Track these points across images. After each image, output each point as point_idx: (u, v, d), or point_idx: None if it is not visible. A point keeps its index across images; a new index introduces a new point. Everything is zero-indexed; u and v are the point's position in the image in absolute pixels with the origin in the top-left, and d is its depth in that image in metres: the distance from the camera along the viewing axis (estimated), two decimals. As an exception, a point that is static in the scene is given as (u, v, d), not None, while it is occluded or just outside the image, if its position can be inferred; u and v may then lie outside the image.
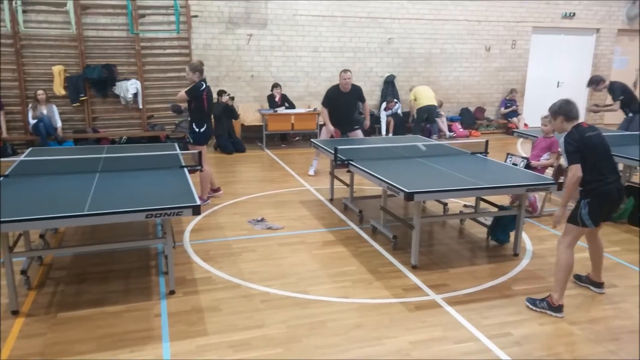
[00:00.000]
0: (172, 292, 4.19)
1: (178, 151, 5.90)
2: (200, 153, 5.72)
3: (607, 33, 13.41)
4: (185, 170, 5.00)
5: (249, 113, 10.97)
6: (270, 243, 5.36)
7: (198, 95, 6.33)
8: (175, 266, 4.57)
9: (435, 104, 11.18)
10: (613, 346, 3.52)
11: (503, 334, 3.65)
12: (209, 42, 10.62)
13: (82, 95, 9.86)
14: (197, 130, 6.45)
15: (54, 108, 9.64)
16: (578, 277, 4.45)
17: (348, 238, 5.51)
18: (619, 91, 7.96)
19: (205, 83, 6.40)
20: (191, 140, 6.54)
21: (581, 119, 4.02)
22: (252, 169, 8.78)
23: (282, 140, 11.13)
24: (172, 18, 10.10)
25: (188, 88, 6.36)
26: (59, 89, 9.72)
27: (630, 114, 8.07)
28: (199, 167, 5.29)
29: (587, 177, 3.81)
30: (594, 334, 3.68)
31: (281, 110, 10.51)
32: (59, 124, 9.62)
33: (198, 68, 6.32)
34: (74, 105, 9.93)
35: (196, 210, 3.83)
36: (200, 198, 6.71)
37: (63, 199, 4.03)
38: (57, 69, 9.67)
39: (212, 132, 6.72)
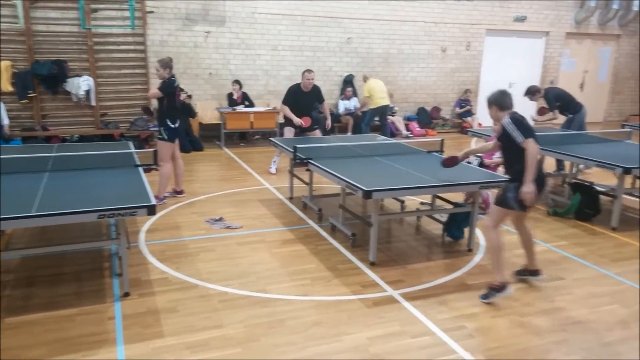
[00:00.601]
0: (126, 294, 4.09)
1: (133, 150, 5.77)
2: (155, 151, 5.62)
3: (556, 36, 13.91)
4: (140, 169, 4.90)
5: (207, 111, 10.83)
6: (229, 242, 5.32)
7: (171, 91, 6.32)
8: (130, 267, 4.47)
9: (389, 103, 11.03)
10: (561, 337, 3.66)
11: (457, 327, 3.74)
12: (165, 38, 10.42)
13: (31, 92, 9.50)
14: (172, 126, 6.42)
15: (1, 105, 9.25)
16: (518, 272, 4.58)
17: (307, 236, 5.52)
18: (554, 99, 8.17)
19: (175, 78, 6.40)
20: (165, 137, 6.46)
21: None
22: (210, 168, 8.68)
23: (241, 138, 11.04)
24: (127, 13, 9.85)
25: (160, 85, 6.31)
26: (5, 85, 9.34)
27: (570, 115, 8.38)
28: (154, 166, 5.18)
29: (517, 161, 3.96)
30: (542, 325, 3.81)
31: (240, 108, 10.43)
32: (6, 122, 9.23)
33: (169, 64, 6.30)
34: (21, 102, 9.56)
35: (151, 210, 3.76)
36: (157, 197, 6.63)
37: (9, 199, 3.87)
38: (4, 65, 9.28)
39: (182, 128, 6.68)
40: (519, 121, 3.99)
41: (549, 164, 8.27)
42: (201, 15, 10.58)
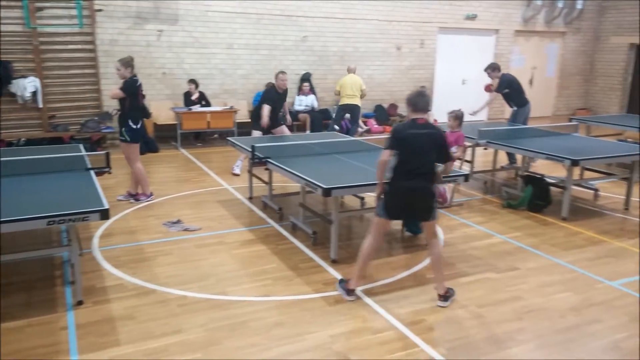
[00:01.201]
0: (80, 303, 3.94)
1: (83, 152, 5.57)
2: (108, 154, 5.45)
3: (505, 34, 14.30)
4: (92, 172, 4.73)
5: (162, 111, 10.59)
6: (187, 245, 5.21)
7: (134, 91, 6.21)
8: (83, 275, 4.31)
9: (357, 103, 10.55)
10: (517, 325, 3.76)
11: (418, 321, 3.79)
12: (115, 37, 10.12)
13: (-27, 94, 9.05)
14: (134, 127, 6.32)
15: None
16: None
17: (268, 236, 5.48)
18: (505, 83, 8.53)
19: (138, 78, 6.31)
20: (127, 139, 6.35)
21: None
22: (166, 169, 8.49)
23: (197, 139, 10.86)
24: (74, 12, 9.50)
25: (122, 85, 6.17)
26: (-55, 87, 8.86)
27: (515, 107, 8.69)
28: (107, 169, 5.02)
29: (394, 170, 3.93)
30: (500, 314, 3.91)
31: (196, 108, 10.25)
32: (-53, 126, 8.78)
33: (130, 63, 6.21)
34: (-37, 105, 9.10)
35: (104, 215, 3.64)
36: (143, 194, 6.52)
37: (-49, 207, 3.67)
38: (-58, 66, 8.81)
39: (145, 128, 6.61)
40: (392, 132, 3.99)
41: (502, 159, 8.51)
42: (153, 13, 10.33)
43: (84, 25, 9.57)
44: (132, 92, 6.18)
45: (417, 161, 3.87)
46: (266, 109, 7.80)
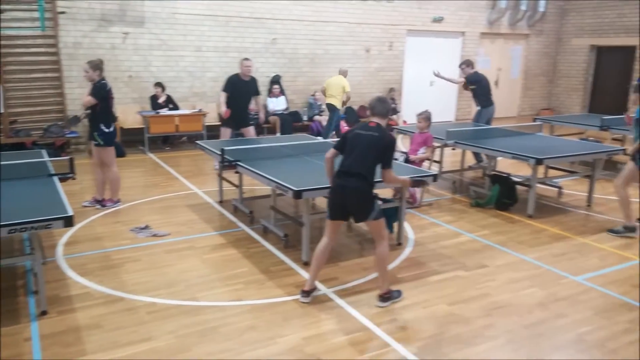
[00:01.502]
0: (44, 313, 3.83)
1: (46, 158, 5.42)
2: (72, 159, 5.32)
3: (471, 36, 14.55)
4: (55, 179, 4.61)
5: (129, 115, 10.40)
6: (156, 251, 5.13)
7: (105, 95, 6.15)
8: (47, 284, 4.19)
9: (334, 103, 10.52)
10: (487, 321, 3.82)
11: (390, 321, 3.81)
12: (79, 40, 9.90)
13: None
14: (106, 130, 6.26)
15: None
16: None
17: (239, 240, 5.43)
18: (472, 79, 8.87)
19: (107, 81, 6.25)
20: (101, 142, 6.28)
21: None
22: (133, 174, 8.34)
23: (165, 143, 10.71)
24: (36, 14, 9.26)
25: (92, 90, 6.10)
26: None
27: (479, 107, 8.92)
28: (71, 175, 4.90)
29: (338, 166, 3.98)
30: (469, 312, 3.96)
31: (164, 111, 10.11)
32: None
33: (99, 66, 6.15)
34: None
35: (68, 222, 3.55)
36: (110, 200, 6.38)
37: None
38: None
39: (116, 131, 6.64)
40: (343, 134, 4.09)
41: (470, 159, 8.64)
42: (118, 15, 10.15)
43: (46, 28, 9.34)
44: (102, 96, 6.11)
45: (352, 160, 3.89)
46: (222, 96, 7.90)
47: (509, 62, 15.67)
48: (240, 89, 7.96)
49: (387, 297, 4.06)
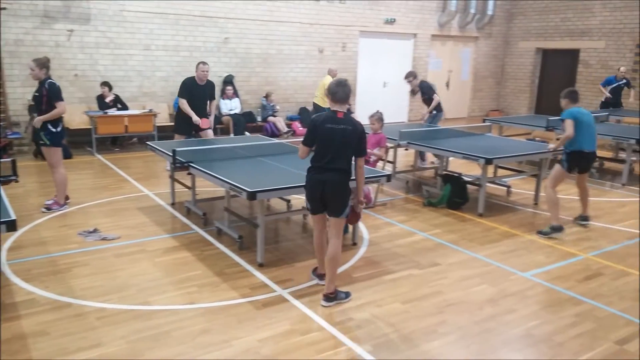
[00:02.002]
0: (-14, 321, 3.66)
1: (-13, 160, 5.16)
2: (14, 161, 5.09)
3: (422, 38, 14.86)
4: (-3, 181, 4.40)
5: (75, 115, 10.04)
6: (106, 255, 4.97)
7: (58, 95, 5.99)
8: (-10, 291, 4.00)
9: (318, 102, 10.69)
10: (439, 318, 3.90)
11: (345, 320, 3.83)
12: (21, 37, 9.48)
13: None
14: (54, 130, 6.07)
15: None
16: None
17: (192, 242, 5.34)
18: (427, 89, 9.07)
19: (54, 80, 6.07)
20: (47, 142, 6.08)
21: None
22: (81, 177, 8.06)
23: (114, 144, 10.40)
24: (-26, 9, 8.83)
25: (48, 92, 5.91)
26: None
27: (435, 112, 9.19)
28: (13, 177, 4.68)
29: (310, 162, 4.04)
30: (423, 309, 4.04)
31: (112, 111, 9.81)
32: None
33: (46, 64, 6.00)
34: None
35: (11, 226, 3.39)
36: (56, 203, 6.11)
37: None
38: None
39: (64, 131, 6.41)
40: (309, 126, 4.04)
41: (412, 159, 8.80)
42: (62, 12, 9.79)
43: (-15, 23, 8.91)
44: (60, 95, 5.98)
45: (332, 156, 3.91)
46: (184, 105, 7.65)
47: (459, 64, 16.09)
48: (194, 93, 7.72)
49: (333, 297, 4.07)
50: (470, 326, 3.81)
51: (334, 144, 3.89)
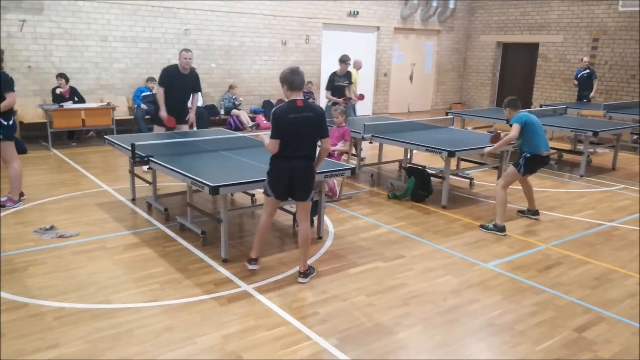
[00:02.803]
0: None
1: None
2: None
3: (385, 31, 14.93)
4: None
5: (29, 109, 9.68)
6: (63, 252, 4.81)
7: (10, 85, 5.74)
8: (-62, 293, 3.81)
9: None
10: (404, 310, 3.93)
11: (311, 314, 3.82)
12: (-30, 26, 9.06)
13: None
14: (6, 123, 5.80)
15: None
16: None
17: (154, 238, 5.22)
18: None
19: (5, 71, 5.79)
20: (1, 136, 5.80)
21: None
22: (36, 172, 7.77)
23: (71, 138, 10.07)
24: None
25: (3, 85, 5.65)
26: None
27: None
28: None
29: (277, 150, 4.07)
30: (388, 301, 4.06)
31: (68, 105, 9.49)
32: None
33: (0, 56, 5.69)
34: None
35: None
36: (10, 200, 5.86)
37: None
38: None
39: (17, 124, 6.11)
40: (273, 119, 4.01)
41: (386, 152, 8.86)
42: (14, 2, 9.38)
43: None
44: (12, 87, 5.74)
45: (297, 144, 4.05)
46: (159, 92, 7.06)
47: (422, 57, 16.25)
48: (176, 83, 7.08)
49: (308, 273, 4.33)
50: (435, 317, 3.85)
51: (299, 133, 4.02)
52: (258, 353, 3.33)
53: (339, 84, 9.15)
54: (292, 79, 3.97)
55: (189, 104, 7.51)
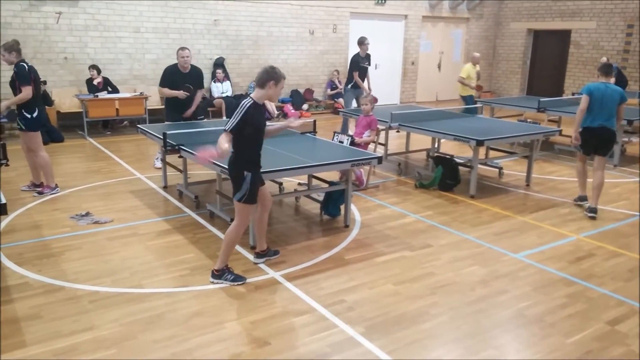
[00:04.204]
0: (-22, 305, 3.65)
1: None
2: (4, 145, 5.05)
3: (413, 19, 14.75)
4: (-14, 165, 4.37)
5: (66, 99, 9.96)
6: (98, 238, 4.96)
7: (29, 79, 5.84)
8: (-19, 275, 3.99)
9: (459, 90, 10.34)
10: (431, 300, 3.94)
11: (338, 302, 3.86)
12: (9, 20, 9.33)
13: None
14: (28, 116, 5.94)
15: None
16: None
17: (185, 225, 5.34)
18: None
19: (27, 63, 5.89)
20: (23, 127, 6.00)
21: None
22: (73, 160, 8.00)
23: (106, 127, 10.32)
24: (-42, -10, 8.66)
25: (17, 76, 5.79)
26: None
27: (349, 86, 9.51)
28: (3, 161, 4.65)
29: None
30: (415, 291, 4.07)
31: (103, 95, 9.71)
32: None
33: (15, 47, 5.83)
34: None
35: (2, 210, 3.38)
36: (47, 186, 6.07)
37: None
38: None
39: (45, 115, 6.26)
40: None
41: (414, 141, 8.81)
42: (50, -7, 9.63)
43: (-30, 4, 8.74)
44: (29, 80, 5.81)
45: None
46: (161, 91, 6.89)
47: (451, 45, 16.02)
48: (178, 83, 6.81)
49: (219, 275, 4.10)
50: (462, 307, 3.85)
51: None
52: (285, 339, 3.39)
53: (364, 64, 9.38)
54: (275, 73, 3.92)
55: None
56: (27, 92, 5.82)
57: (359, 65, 9.29)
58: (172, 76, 6.86)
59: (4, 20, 9.26)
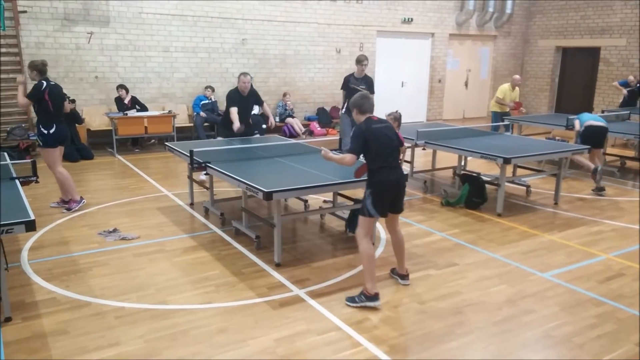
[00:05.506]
0: (8, 319, 3.72)
1: (8, 161, 5.26)
2: (34, 161, 5.18)
3: (440, 37, 14.74)
4: (17, 182, 4.48)
5: (96, 117, 10.21)
6: (125, 254, 5.03)
7: (39, 95, 6.01)
8: (11, 290, 4.08)
9: (493, 108, 10.26)
10: (457, 319, 3.86)
11: (362, 320, 3.82)
12: (42, 40, 9.66)
13: None
14: (45, 132, 6.12)
15: None
16: (391, 270, 4.62)
17: (210, 242, 5.37)
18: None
19: (48, 82, 6.08)
20: (40, 143, 6.22)
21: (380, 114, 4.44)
22: (102, 177, 8.18)
23: (135, 144, 10.53)
24: (-3, 13, 9.01)
25: (29, 91, 6.07)
26: None
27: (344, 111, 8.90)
28: (33, 178, 4.76)
29: (371, 166, 4.07)
30: (440, 310, 4.00)
31: (132, 113, 9.93)
32: None
33: (37, 67, 6.04)
34: None
35: (30, 226, 3.45)
36: (73, 201, 6.22)
37: None
38: None
39: (65, 133, 6.37)
40: (355, 133, 4.09)
41: (440, 159, 8.73)
42: (82, 15, 9.94)
43: (7, 27, 9.08)
44: (37, 96, 6.00)
45: (391, 151, 4.17)
46: (233, 112, 7.15)
47: (478, 63, 15.93)
48: (240, 105, 7.20)
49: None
50: (489, 327, 3.76)
51: (389, 141, 4.16)
52: (309, 357, 3.36)
53: (354, 86, 8.55)
54: (361, 102, 4.16)
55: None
56: (22, 102, 6.14)
57: (348, 85, 8.64)
58: (237, 99, 7.22)
59: (36, 40, 9.60)
